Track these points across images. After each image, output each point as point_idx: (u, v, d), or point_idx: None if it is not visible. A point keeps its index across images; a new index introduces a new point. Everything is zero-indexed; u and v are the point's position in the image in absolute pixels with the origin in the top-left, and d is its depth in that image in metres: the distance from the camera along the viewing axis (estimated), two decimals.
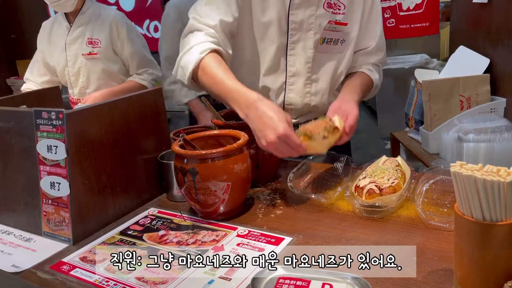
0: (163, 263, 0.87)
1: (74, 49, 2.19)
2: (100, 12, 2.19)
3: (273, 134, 0.97)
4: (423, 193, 1.05)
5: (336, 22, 1.27)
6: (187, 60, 1.17)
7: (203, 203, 1.02)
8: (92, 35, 2.17)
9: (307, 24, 1.25)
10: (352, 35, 1.32)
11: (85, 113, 1.02)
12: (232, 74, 1.13)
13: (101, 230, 1.06)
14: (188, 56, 1.18)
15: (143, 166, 1.17)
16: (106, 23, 2.17)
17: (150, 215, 1.11)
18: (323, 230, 0.94)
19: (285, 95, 1.35)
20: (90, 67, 2.20)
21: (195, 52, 1.16)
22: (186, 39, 1.23)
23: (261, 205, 1.09)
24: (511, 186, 0.58)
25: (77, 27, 2.17)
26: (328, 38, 1.29)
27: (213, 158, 0.97)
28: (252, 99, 1.04)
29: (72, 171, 0.99)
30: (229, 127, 1.15)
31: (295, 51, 1.28)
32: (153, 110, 1.19)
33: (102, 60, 2.20)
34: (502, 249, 0.62)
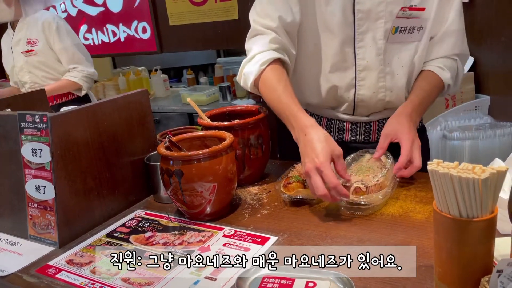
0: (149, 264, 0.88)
1: (17, 50, 2.55)
2: (37, 16, 2.53)
3: (310, 163, 0.94)
4: (406, 190, 1.07)
5: (410, 8, 1.13)
6: (249, 71, 1.15)
7: (190, 204, 1.02)
8: (31, 35, 2.51)
9: (375, 12, 1.13)
10: (430, 21, 1.17)
11: (70, 116, 1.02)
12: (290, 91, 1.09)
13: (88, 233, 1.06)
14: (250, 66, 1.16)
15: (130, 168, 1.17)
16: (40, 23, 2.50)
17: (137, 217, 1.11)
18: (308, 229, 0.95)
19: (355, 92, 1.21)
20: (30, 63, 2.54)
21: (257, 63, 1.13)
22: (249, 43, 1.20)
23: (248, 205, 1.09)
24: (485, 183, 0.60)
25: (19, 31, 2.54)
26: (402, 26, 1.15)
27: (198, 159, 0.98)
28: (304, 125, 1.01)
29: (57, 174, 0.98)
30: (215, 128, 1.15)
31: (364, 42, 1.16)
32: (139, 111, 1.19)
33: (41, 56, 2.53)
34: (479, 244, 0.63)
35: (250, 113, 1.26)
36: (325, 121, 1.31)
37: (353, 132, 1.28)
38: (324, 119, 1.31)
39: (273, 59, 1.13)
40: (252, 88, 1.17)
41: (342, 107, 1.25)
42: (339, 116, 1.27)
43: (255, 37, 1.19)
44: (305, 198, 1.05)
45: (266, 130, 1.21)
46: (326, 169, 0.93)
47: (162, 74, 3.74)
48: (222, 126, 1.15)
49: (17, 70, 2.60)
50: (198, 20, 3.11)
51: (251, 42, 1.20)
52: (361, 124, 1.27)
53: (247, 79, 1.16)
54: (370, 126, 1.28)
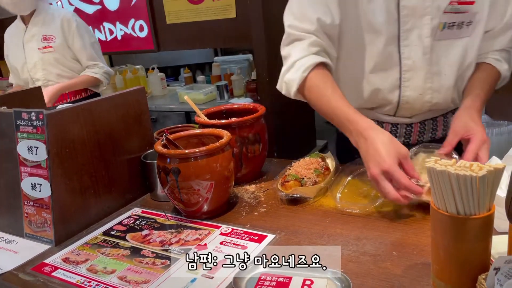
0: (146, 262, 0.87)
1: (30, 46, 2.46)
2: (53, 13, 2.48)
3: (375, 168, 0.90)
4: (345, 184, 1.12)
5: (459, 2, 1.06)
6: (291, 78, 1.10)
7: (187, 202, 1.02)
8: (47, 32, 2.44)
9: (421, 8, 1.06)
10: (480, 15, 1.10)
11: (66, 113, 1.01)
12: (340, 93, 1.04)
13: (84, 231, 1.05)
14: (291, 74, 1.11)
15: (126, 166, 1.17)
16: (58, 20, 2.44)
17: (134, 215, 1.11)
18: (305, 227, 0.95)
19: (400, 94, 1.15)
20: (46, 60, 2.46)
21: (298, 70, 1.08)
22: (286, 50, 1.14)
23: (245, 204, 1.09)
24: (483, 180, 0.60)
25: (32, 26, 2.44)
26: (450, 22, 1.08)
27: (195, 157, 0.98)
28: (363, 128, 0.95)
29: (54, 172, 0.98)
30: (212, 126, 1.15)
31: (409, 41, 1.09)
32: (136, 109, 1.19)
33: (58, 53, 2.46)
34: (476, 242, 0.63)
35: (247, 111, 1.26)
36: None
37: (393, 133, 1.22)
38: None
39: (316, 63, 1.07)
40: (296, 95, 1.13)
41: (384, 108, 1.20)
42: (379, 116, 1.22)
43: (293, 43, 1.13)
44: (302, 196, 1.05)
45: (264, 128, 1.21)
46: (395, 172, 0.88)
47: (159, 72, 3.73)
48: (219, 124, 1.14)
49: (29, 66, 2.51)
50: (196, 19, 3.10)
51: (289, 48, 1.13)
52: (402, 125, 1.22)
53: (290, 87, 1.11)
54: (412, 128, 1.23)
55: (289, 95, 1.14)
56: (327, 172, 1.12)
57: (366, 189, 1.08)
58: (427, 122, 1.22)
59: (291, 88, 1.12)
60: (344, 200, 1.04)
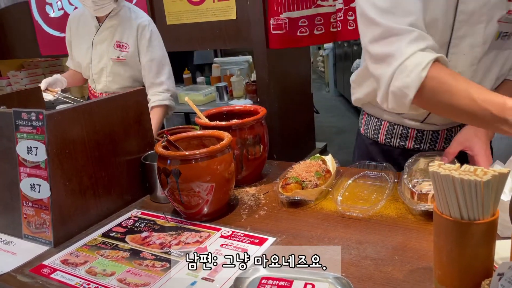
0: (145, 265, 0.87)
1: (100, 49, 2.14)
2: (130, 16, 2.10)
3: None
4: (346, 187, 1.11)
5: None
6: (403, 84, 0.90)
7: (187, 204, 1.01)
8: (121, 38, 2.10)
9: (478, 15, 0.99)
10: None
11: (66, 114, 1.01)
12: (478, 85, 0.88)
13: (83, 232, 1.05)
14: (403, 77, 0.90)
15: (126, 167, 1.16)
16: (134, 27, 2.08)
17: (133, 216, 1.10)
18: (306, 230, 0.94)
19: None
20: (116, 70, 2.14)
21: (412, 72, 0.89)
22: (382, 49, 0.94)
23: (245, 206, 1.08)
24: (488, 185, 0.59)
25: (106, 28, 2.10)
26: (504, 32, 1.02)
27: (196, 159, 0.97)
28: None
29: (53, 173, 0.97)
30: (212, 128, 1.14)
31: (458, 48, 1.02)
32: (136, 110, 1.18)
33: (129, 65, 2.12)
34: (480, 247, 0.63)
35: (248, 113, 1.25)
36: (385, 126, 1.22)
37: (418, 139, 1.19)
38: (385, 123, 1.21)
39: (432, 60, 0.89)
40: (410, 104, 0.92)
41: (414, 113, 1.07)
42: (404, 122, 1.18)
43: (388, 39, 0.93)
44: (303, 199, 1.05)
45: (264, 130, 1.21)
46: None
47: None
48: (220, 126, 1.14)
49: (94, 69, 2.19)
50: (196, 20, 3.10)
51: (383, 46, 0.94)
52: (428, 132, 1.18)
53: (404, 95, 0.91)
54: (438, 135, 1.19)
55: (403, 105, 0.93)
56: (328, 175, 1.12)
57: (367, 193, 1.08)
58: (454, 129, 1.19)
59: (405, 96, 0.91)
60: (345, 203, 1.03)
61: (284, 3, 2.64)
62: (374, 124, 1.23)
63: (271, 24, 2.71)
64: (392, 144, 1.19)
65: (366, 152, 1.27)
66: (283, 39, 2.68)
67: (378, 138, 1.22)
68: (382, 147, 1.22)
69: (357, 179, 1.15)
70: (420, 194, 0.94)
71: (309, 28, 2.73)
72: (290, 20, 2.68)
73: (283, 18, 2.67)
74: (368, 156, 1.25)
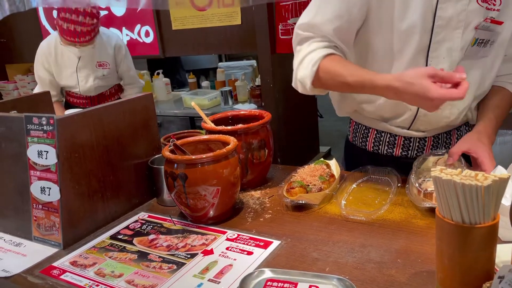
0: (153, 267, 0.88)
1: (85, 71, 2.59)
2: (103, 39, 2.59)
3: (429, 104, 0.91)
4: (350, 191, 1.13)
5: (492, 20, 1.05)
6: (303, 76, 1.11)
7: (193, 208, 1.03)
8: (101, 58, 2.60)
9: (456, 21, 1.04)
10: (504, 36, 1.10)
11: (76, 118, 1.03)
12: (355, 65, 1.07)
13: (92, 235, 1.06)
14: (302, 71, 1.11)
15: (133, 171, 1.18)
16: (111, 47, 2.61)
17: (140, 219, 1.12)
18: (310, 233, 0.96)
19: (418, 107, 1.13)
20: (100, 83, 2.67)
21: (308, 66, 1.09)
22: (296, 50, 1.16)
23: (250, 209, 1.10)
24: (488, 189, 0.61)
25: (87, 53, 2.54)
26: (480, 39, 1.07)
27: (202, 163, 0.99)
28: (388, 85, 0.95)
29: (63, 176, 0.99)
30: (218, 132, 1.16)
31: (437, 52, 1.07)
32: (143, 115, 1.20)
33: (111, 79, 2.70)
34: (481, 251, 0.64)
35: (253, 117, 1.27)
36: (373, 133, 1.25)
37: (405, 146, 1.22)
38: (373, 131, 1.25)
39: (324, 55, 1.08)
40: (313, 90, 1.13)
41: (399, 119, 1.18)
42: (392, 129, 1.20)
43: (301, 44, 1.14)
44: (308, 203, 1.06)
45: (269, 134, 1.23)
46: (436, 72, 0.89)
47: (164, 78, 3.75)
48: (226, 130, 1.16)
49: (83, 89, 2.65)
50: (201, 25, 3.13)
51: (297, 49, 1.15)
52: (415, 139, 1.21)
53: (305, 84, 1.12)
54: (425, 142, 1.21)
55: (306, 92, 1.15)
56: (332, 179, 1.14)
57: (371, 197, 1.09)
58: (440, 135, 1.21)
59: (306, 85, 1.12)
60: (349, 207, 1.05)
61: (292, 9, 2.68)
62: (362, 132, 1.26)
63: (279, 29, 2.75)
64: (380, 151, 1.22)
65: (355, 160, 1.29)
66: (290, 44, 2.71)
67: (366, 146, 1.24)
68: (371, 155, 1.24)
69: (361, 184, 1.17)
70: (426, 193, 0.96)
71: None
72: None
73: (291, 24, 2.70)
74: (358, 164, 1.26)
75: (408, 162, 1.15)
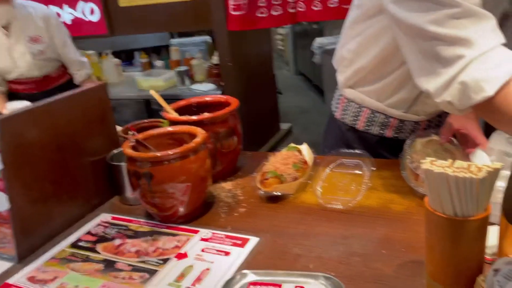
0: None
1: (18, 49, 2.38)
2: (28, 10, 2.41)
3: None
4: (324, 178, 1.09)
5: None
6: (482, 77, 0.74)
7: (161, 207, 0.96)
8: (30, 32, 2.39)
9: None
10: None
11: (22, 117, 0.91)
12: None
13: (49, 244, 0.97)
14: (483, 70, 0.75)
15: (91, 169, 1.08)
16: (39, 18, 2.41)
17: (103, 222, 1.03)
18: (289, 227, 0.92)
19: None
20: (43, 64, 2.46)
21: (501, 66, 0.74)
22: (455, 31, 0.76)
23: (223, 203, 1.04)
24: (483, 182, 0.58)
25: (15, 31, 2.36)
26: None
27: (169, 160, 0.91)
28: None
29: (11, 183, 0.88)
30: (183, 123, 1.08)
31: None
32: (98, 108, 1.10)
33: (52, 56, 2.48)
34: (473, 243, 0.62)
35: (219, 104, 1.20)
36: (366, 113, 1.16)
37: (398, 129, 1.15)
38: (366, 110, 1.16)
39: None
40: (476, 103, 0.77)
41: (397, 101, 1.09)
42: (386, 110, 1.13)
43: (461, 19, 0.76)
44: (284, 194, 1.02)
45: (238, 121, 1.16)
46: None
47: (114, 58, 3.55)
48: (192, 120, 1.08)
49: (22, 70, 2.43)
50: (151, 1, 2.95)
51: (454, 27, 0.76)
52: (410, 122, 1.15)
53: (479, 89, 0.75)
54: (419, 125, 1.17)
55: (466, 102, 0.78)
56: (306, 165, 1.09)
57: (346, 182, 1.06)
58: (433, 119, 1.19)
59: (479, 91, 0.75)
60: (325, 195, 1.01)
61: None
62: (353, 110, 1.19)
63: (230, 4, 2.63)
64: (371, 132, 1.17)
65: (341, 138, 1.24)
66: (242, 21, 2.61)
67: (357, 124, 1.19)
68: (360, 134, 1.20)
69: (333, 169, 1.13)
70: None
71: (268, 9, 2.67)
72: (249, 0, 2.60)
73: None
74: (343, 142, 1.22)
75: (397, 144, 1.12)
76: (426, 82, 0.83)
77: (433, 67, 0.81)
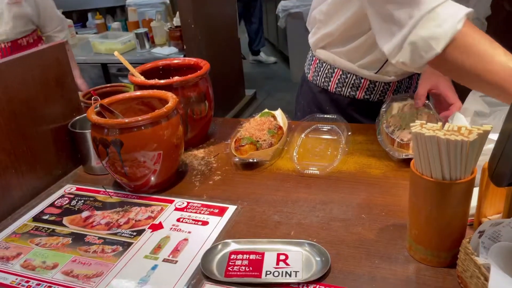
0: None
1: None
2: None
3: None
4: (299, 144, 1.07)
5: None
6: (431, 34, 0.75)
7: (132, 176, 0.90)
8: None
9: None
10: None
11: None
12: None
13: (9, 218, 0.90)
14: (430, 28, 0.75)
15: (51, 138, 1.00)
16: None
17: (67, 193, 0.96)
18: (267, 194, 0.89)
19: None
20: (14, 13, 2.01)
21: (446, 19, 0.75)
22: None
23: (196, 172, 1.00)
24: (473, 144, 0.57)
25: None
26: None
27: (139, 126, 0.85)
28: None
29: None
30: (151, 87, 1.01)
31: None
32: (56, 70, 1.00)
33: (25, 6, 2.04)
34: (459, 206, 0.62)
35: (188, 67, 1.13)
36: (338, 74, 1.14)
37: (369, 90, 1.14)
38: (338, 71, 1.14)
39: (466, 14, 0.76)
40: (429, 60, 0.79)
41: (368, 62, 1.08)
42: (357, 71, 1.11)
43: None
44: (260, 160, 0.99)
45: (209, 86, 1.10)
46: None
47: (65, 18, 3.30)
48: (160, 84, 1.01)
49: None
50: None
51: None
52: (380, 83, 1.14)
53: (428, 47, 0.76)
54: (389, 87, 1.15)
55: (419, 60, 0.79)
56: (281, 131, 1.06)
57: (322, 147, 1.05)
58: (404, 80, 1.18)
59: (429, 50, 0.77)
60: (301, 161, 0.99)
61: None
62: (325, 71, 1.17)
63: None
64: (343, 93, 1.15)
65: (313, 100, 1.22)
66: None
67: (329, 86, 1.16)
68: (332, 96, 1.18)
69: (308, 134, 1.11)
70: (402, 144, 0.93)
71: None
72: None
73: None
74: (315, 104, 1.20)
75: (368, 106, 1.11)
76: (384, 43, 0.85)
77: (389, 29, 0.82)
